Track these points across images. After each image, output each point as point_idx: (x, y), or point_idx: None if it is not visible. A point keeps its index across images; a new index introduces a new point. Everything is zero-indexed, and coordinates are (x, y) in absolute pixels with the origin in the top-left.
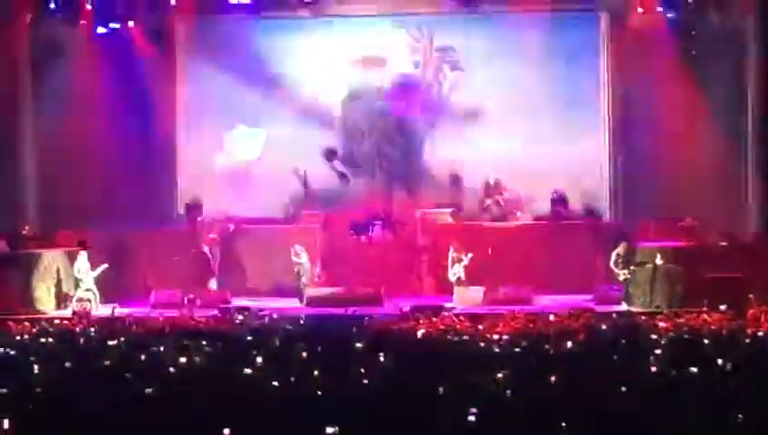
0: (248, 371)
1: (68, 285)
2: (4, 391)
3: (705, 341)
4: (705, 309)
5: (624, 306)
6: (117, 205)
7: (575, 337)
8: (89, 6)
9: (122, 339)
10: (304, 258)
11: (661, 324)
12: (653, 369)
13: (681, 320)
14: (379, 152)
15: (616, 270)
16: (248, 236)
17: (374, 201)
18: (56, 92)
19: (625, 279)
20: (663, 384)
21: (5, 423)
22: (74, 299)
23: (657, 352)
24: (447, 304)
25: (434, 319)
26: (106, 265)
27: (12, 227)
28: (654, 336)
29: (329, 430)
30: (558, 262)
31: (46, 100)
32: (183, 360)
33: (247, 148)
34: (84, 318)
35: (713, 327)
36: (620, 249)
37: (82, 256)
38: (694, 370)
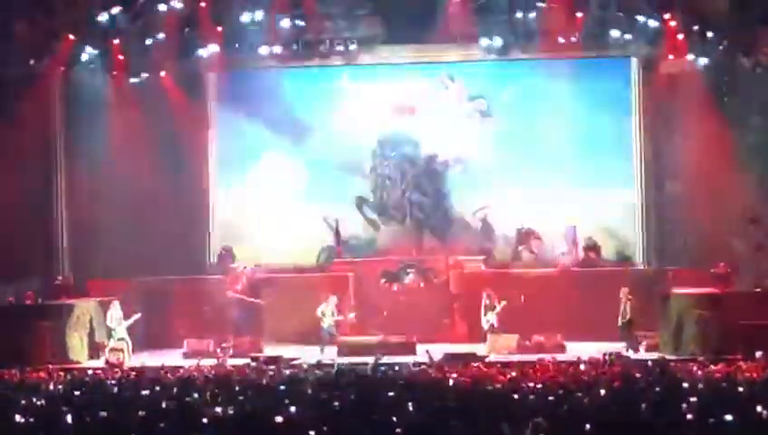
0: (280, 419)
1: (101, 335)
2: None
3: (740, 388)
4: (739, 356)
5: (658, 354)
6: (149, 254)
7: (609, 385)
8: (121, 57)
9: (156, 389)
10: (330, 309)
11: (696, 371)
12: (688, 416)
13: (716, 367)
14: (409, 200)
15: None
16: (280, 285)
17: (405, 249)
18: (89, 142)
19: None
20: (698, 432)
21: None
22: (107, 349)
23: (692, 399)
24: (480, 352)
25: (466, 367)
26: (139, 315)
27: (45, 276)
28: (688, 384)
29: None
30: (590, 309)
31: (79, 149)
32: (217, 409)
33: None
34: (117, 368)
35: (747, 374)
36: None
37: (115, 306)
38: (729, 418)
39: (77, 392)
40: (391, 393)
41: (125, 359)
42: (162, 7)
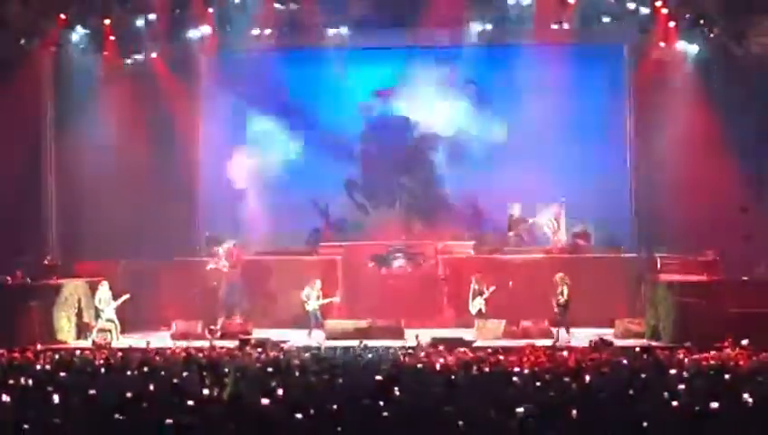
0: (267, 401)
1: (89, 316)
2: (25, 425)
3: (727, 375)
4: (726, 344)
5: (645, 340)
6: (138, 235)
7: (596, 371)
8: (112, 38)
9: (143, 370)
10: (315, 292)
11: (683, 359)
12: (675, 403)
13: (703, 355)
14: (398, 184)
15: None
16: (269, 268)
17: (394, 233)
18: (79, 123)
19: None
20: (685, 419)
21: None
22: (95, 330)
23: (679, 386)
24: (467, 337)
25: (454, 352)
26: (127, 296)
27: (34, 256)
28: (675, 371)
29: None
30: (579, 296)
31: (69, 130)
32: (204, 391)
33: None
34: (104, 349)
35: (734, 362)
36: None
37: (104, 287)
38: (716, 405)
39: (64, 373)
40: (379, 377)
41: (112, 340)
42: None
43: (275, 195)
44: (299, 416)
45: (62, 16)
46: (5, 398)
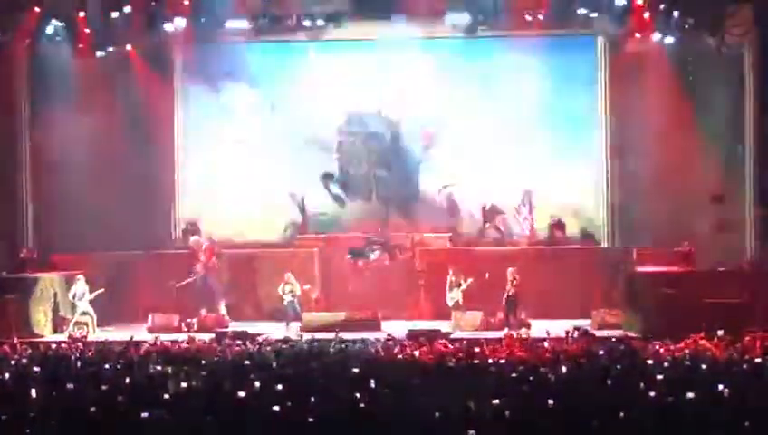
0: (243, 394)
1: (65, 309)
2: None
3: (703, 366)
4: (701, 335)
5: (622, 331)
6: (114, 228)
7: (573, 362)
8: (87, 30)
9: (119, 363)
10: (288, 285)
11: (658, 350)
12: (651, 394)
13: (678, 346)
14: (375, 176)
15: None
16: (246, 261)
17: (371, 225)
18: (54, 115)
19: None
20: (661, 409)
21: None
22: (71, 323)
23: (656, 377)
24: (444, 329)
25: (431, 344)
26: (102, 290)
27: (9, 250)
28: (651, 362)
29: None
30: (555, 287)
31: (44, 123)
32: (181, 384)
33: None
34: (81, 342)
35: (710, 353)
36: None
37: (80, 281)
38: (690, 395)
39: (40, 367)
40: (355, 370)
41: (89, 333)
42: None
43: (252, 187)
44: (275, 408)
45: (37, 9)
46: None
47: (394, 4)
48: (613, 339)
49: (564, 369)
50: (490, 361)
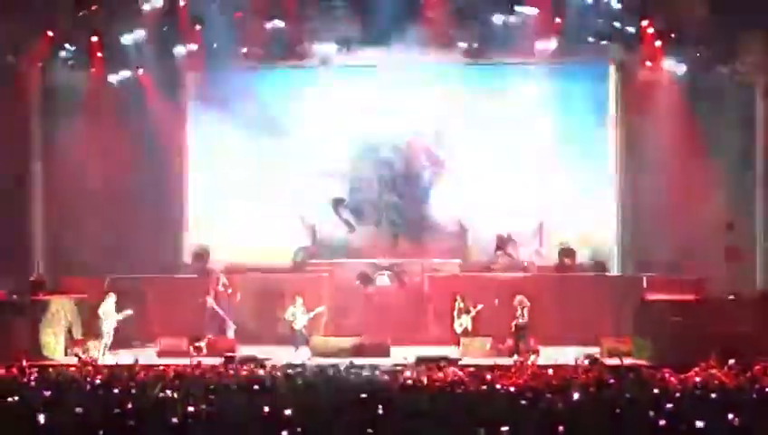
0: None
1: (75, 332)
2: None
3: (713, 395)
4: (712, 363)
5: (631, 360)
6: (124, 252)
7: (583, 389)
8: (100, 54)
9: (129, 387)
10: (299, 309)
11: (669, 378)
12: (660, 423)
13: (689, 374)
14: (385, 202)
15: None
16: (255, 285)
17: (380, 251)
18: (66, 139)
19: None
20: None
21: None
22: (81, 347)
23: (666, 405)
24: (453, 355)
25: (440, 371)
26: (130, 312)
27: (20, 273)
28: (661, 390)
29: None
30: (565, 314)
31: (56, 147)
32: (188, 408)
33: None
34: (90, 366)
35: (720, 382)
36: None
37: (110, 299)
38: (701, 424)
39: (49, 391)
40: (364, 395)
41: (99, 357)
42: (141, 5)
43: (262, 212)
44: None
45: (50, 33)
46: None
47: (405, 30)
48: (623, 367)
49: (573, 397)
50: (498, 387)
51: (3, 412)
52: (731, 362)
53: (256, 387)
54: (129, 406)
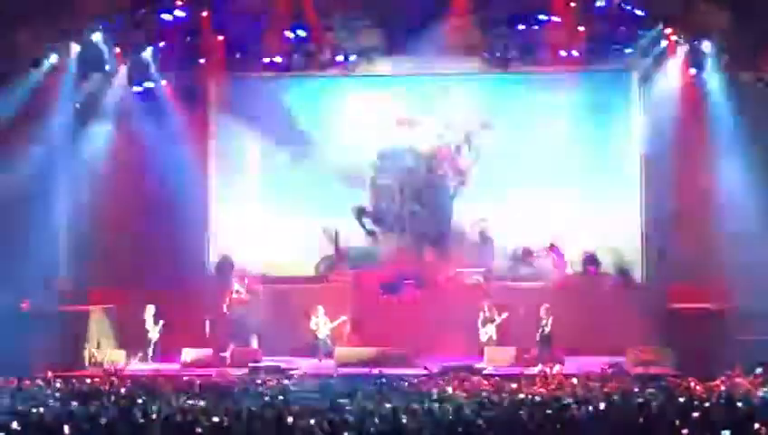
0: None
1: (100, 343)
2: None
3: (739, 404)
4: (738, 372)
5: (657, 368)
6: (148, 263)
7: (608, 399)
8: (123, 65)
9: (154, 397)
10: (321, 319)
11: (694, 387)
12: (685, 432)
13: (714, 383)
14: (408, 211)
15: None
16: (278, 295)
17: (404, 260)
18: (88, 149)
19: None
20: None
21: None
22: (105, 357)
23: (692, 414)
24: (478, 365)
25: (465, 380)
26: (162, 323)
27: (45, 283)
28: (686, 399)
29: None
30: (589, 323)
31: (79, 156)
32: (213, 418)
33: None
34: (115, 376)
35: (746, 390)
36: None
37: (150, 309)
38: (726, 433)
39: (75, 402)
40: (389, 405)
41: (124, 367)
42: (164, 16)
43: (286, 222)
44: None
45: (73, 44)
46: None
47: (427, 39)
48: (648, 376)
49: (599, 406)
50: (523, 397)
51: (29, 424)
52: (757, 371)
53: (281, 397)
54: (154, 417)
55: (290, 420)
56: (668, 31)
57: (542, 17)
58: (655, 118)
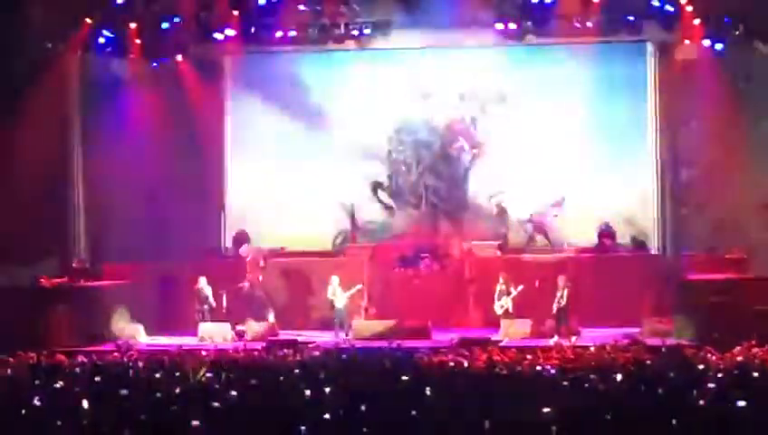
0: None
1: (117, 319)
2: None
3: (755, 374)
4: (754, 342)
5: (673, 340)
6: (164, 237)
7: (623, 371)
8: (138, 41)
9: (171, 372)
10: (337, 289)
11: (710, 357)
12: (701, 402)
13: (730, 353)
14: (424, 185)
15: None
16: (295, 269)
17: (421, 234)
18: (105, 126)
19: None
20: (712, 418)
21: None
22: (123, 332)
23: (708, 385)
24: (494, 337)
25: (481, 353)
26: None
27: (61, 260)
28: (703, 369)
29: None
30: (605, 295)
31: (95, 133)
32: (231, 392)
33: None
34: (132, 351)
35: (762, 361)
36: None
37: (202, 280)
38: (742, 403)
39: (94, 376)
40: (405, 377)
41: (140, 342)
42: None
43: (301, 196)
44: (326, 416)
45: (88, 20)
46: (37, 401)
47: (441, 12)
48: (664, 347)
49: (615, 377)
50: (540, 369)
51: (48, 399)
52: None
53: (298, 371)
54: (174, 391)
55: (307, 393)
56: (684, 1)
57: None
58: (670, 88)
